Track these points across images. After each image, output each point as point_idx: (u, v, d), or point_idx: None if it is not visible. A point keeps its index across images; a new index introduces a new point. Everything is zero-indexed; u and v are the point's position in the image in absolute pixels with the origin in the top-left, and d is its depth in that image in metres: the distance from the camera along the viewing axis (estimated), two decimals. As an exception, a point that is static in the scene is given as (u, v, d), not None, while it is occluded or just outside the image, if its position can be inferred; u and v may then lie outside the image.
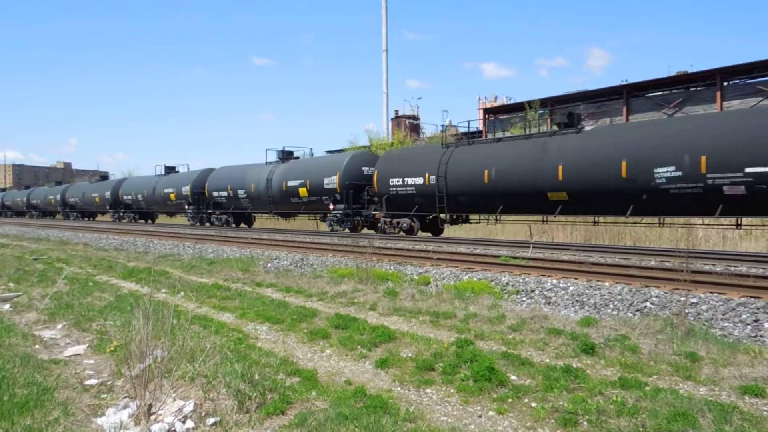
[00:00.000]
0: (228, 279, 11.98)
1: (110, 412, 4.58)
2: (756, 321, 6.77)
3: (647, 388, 4.79)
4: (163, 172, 37.47)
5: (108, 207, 42.43)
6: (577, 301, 8.46)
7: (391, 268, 11.98)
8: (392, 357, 5.88)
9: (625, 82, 33.12)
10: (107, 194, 41.53)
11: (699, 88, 29.99)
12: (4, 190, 76.10)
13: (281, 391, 4.81)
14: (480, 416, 4.42)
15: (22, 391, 4.79)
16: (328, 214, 23.46)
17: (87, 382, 5.32)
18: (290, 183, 25.03)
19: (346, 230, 22.72)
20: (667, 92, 31.50)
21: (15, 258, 17.46)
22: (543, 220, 18.60)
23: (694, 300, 7.63)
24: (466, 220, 20.84)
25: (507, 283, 9.67)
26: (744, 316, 6.93)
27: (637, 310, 7.71)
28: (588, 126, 17.13)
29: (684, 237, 16.29)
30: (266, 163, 28.36)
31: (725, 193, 12.73)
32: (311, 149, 28.38)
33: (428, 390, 5.00)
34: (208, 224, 31.72)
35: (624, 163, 14.28)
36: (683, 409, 4.15)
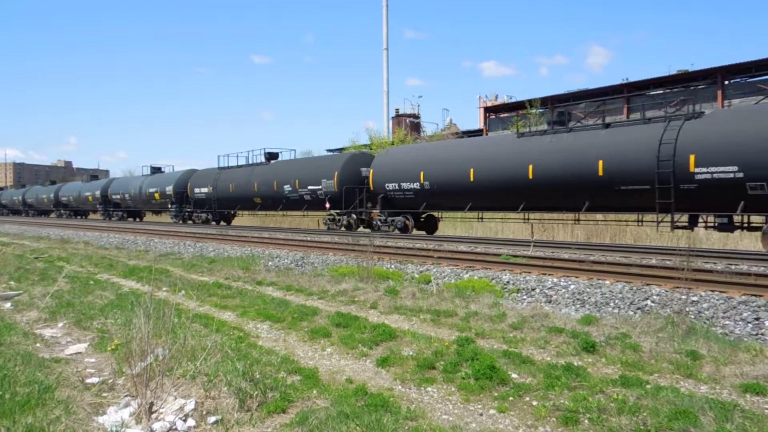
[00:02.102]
0: (229, 277, 11.98)
1: (112, 410, 4.58)
2: (757, 319, 6.77)
3: (648, 386, 4.79)
4: (89, 180, 50.74)
5: (52, 206, 53.38)
6: (577, 299, 8.46)
7: (392, 266, 11.98)
8: (393, 355, 5.88)
9: (625, 81, 33.11)
10: (51, 196, 52.34)
11: (700, 87, 29.98)
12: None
13: (282, 390, 4.81)
14: (481, 414, 4.42)
15: (23, 389, 4.79)
16: (171, 213, 36.23)
17: (88, 381, 5.32)
18: (150, 190, 37.19)
19: (180, 222, 34.90)
20: (668, 91, 31.48)
21: (16, 256, 17.47)
22: (284, 215, 33.17)
23: (695, 298, 7.62)
24: (235, 215, 34.27)
25: (508, 282, 9.67)
26: (745, 315, 6.92)
27: (638, 309, 7.70)
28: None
29: (685, 236, 16.29)
30: (142, 175, 41.28)
31: (305, 199, 25.18)
32: (173, 166, 41.92)
33: (429, 388, 5.00)
34: (114, 218, 43.86)
35: (275, 183, 26.66)
36: (684, 407, 4.15)
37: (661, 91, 31.79)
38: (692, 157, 13.31)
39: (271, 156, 29.52)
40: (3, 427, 4.05)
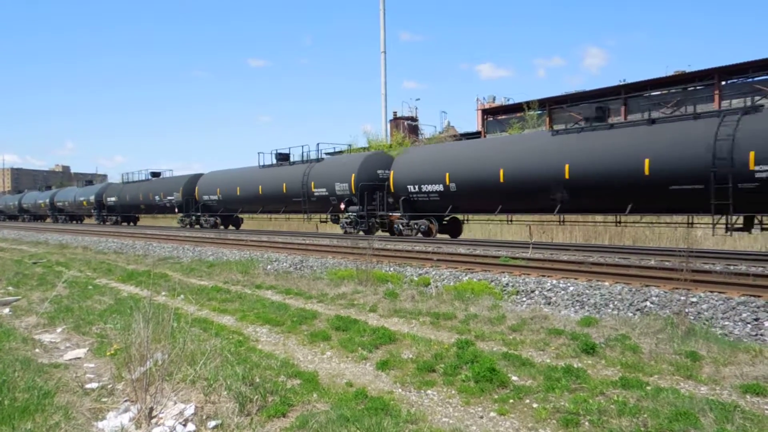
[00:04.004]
0: (228, 281, 11.97)
1: (111, 415, 4.57)
2: (756, 320, 6.78)
3: (648, 387, 4.79)
4: (44, 189, 60.36)
5: (17, 212, 61.00)
6: (577, 301, 8.46)
7: (391, 269, 11.98)
8: (393, 358, 5.87)
9: (623, 82, 33.19)
10: (16, 203, 61.30)
11: (697, 88, 30.05)
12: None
13: (282, 394, 4.81)
14: (481, 417, 4.42)
15: (22, 395, 4.78)
16: (94, 216, 46.41)
17: (87, 386, 5.32)
18: (80, 198, 47.61)
19: (101, 222, 44.69)
20: (666, 92, 31.55)
21: (14, 261, 17.44)
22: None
23: (694, 299, 7.63)
24: (138, 218, 44.63)
25: (507, 284, 9.67)
26: (744, 315, 6.93)
27: (638, 310, 7.71)
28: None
29: (683, 236, 16.36)
30: (77, 187, 52.66)
31: (167, 206, 35.72)
32: (106, 176, 53.05)
33: (429, 391, 4.99)
34: (60, 221, 51.95)
35: (151, 194, 36.89)
36: (684, 408, 4.15)
37: (659, 92, 31.85)
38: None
39: (155, 174, 40.65)
40: (2, 433, 4.04)
